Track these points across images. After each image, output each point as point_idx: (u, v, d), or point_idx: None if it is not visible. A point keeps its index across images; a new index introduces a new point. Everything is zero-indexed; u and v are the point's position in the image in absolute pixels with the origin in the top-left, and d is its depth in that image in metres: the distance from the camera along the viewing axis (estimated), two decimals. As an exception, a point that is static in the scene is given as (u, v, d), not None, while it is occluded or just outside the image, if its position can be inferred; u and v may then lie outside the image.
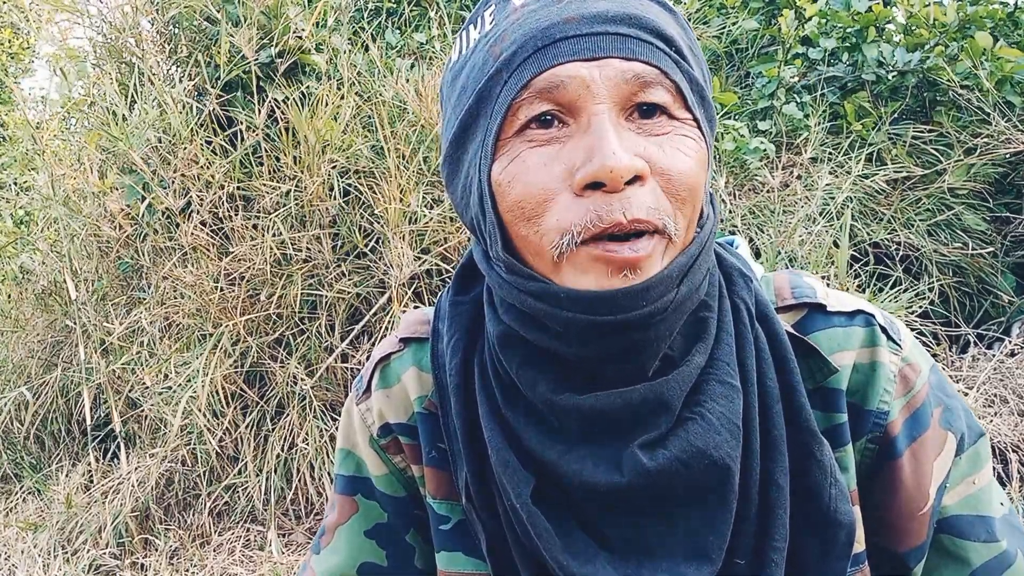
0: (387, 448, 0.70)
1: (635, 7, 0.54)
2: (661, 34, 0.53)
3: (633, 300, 0.52)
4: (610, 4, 0.53)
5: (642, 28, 0.53)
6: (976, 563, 0.63)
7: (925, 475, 0.62)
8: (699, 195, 0.54)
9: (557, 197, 0.52)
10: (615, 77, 0.51)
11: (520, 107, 0.53)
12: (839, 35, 3.09)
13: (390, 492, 0.71)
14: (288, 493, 2.49)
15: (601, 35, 0.52)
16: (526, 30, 0.53)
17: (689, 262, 0.54)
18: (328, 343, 2.53)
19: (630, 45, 0.52)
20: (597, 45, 0.52)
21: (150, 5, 2.72)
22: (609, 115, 0.51)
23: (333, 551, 0.71)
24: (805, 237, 2.55)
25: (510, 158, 0.54)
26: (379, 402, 0.70)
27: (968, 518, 0.64)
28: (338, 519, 0.72)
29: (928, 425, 0.63)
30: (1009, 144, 2.79)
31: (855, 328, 0.63)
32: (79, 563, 2.36)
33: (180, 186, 2.48)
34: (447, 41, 2.91)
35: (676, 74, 0.53)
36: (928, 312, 2.75)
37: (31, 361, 3.08)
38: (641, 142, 0.52)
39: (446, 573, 0.66)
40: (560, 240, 0.52)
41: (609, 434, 0.56)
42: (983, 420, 2.33)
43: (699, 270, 0.56)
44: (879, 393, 0.62)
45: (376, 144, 2.59)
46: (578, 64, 0.51)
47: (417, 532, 0.70)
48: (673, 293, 0.53)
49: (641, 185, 0.51)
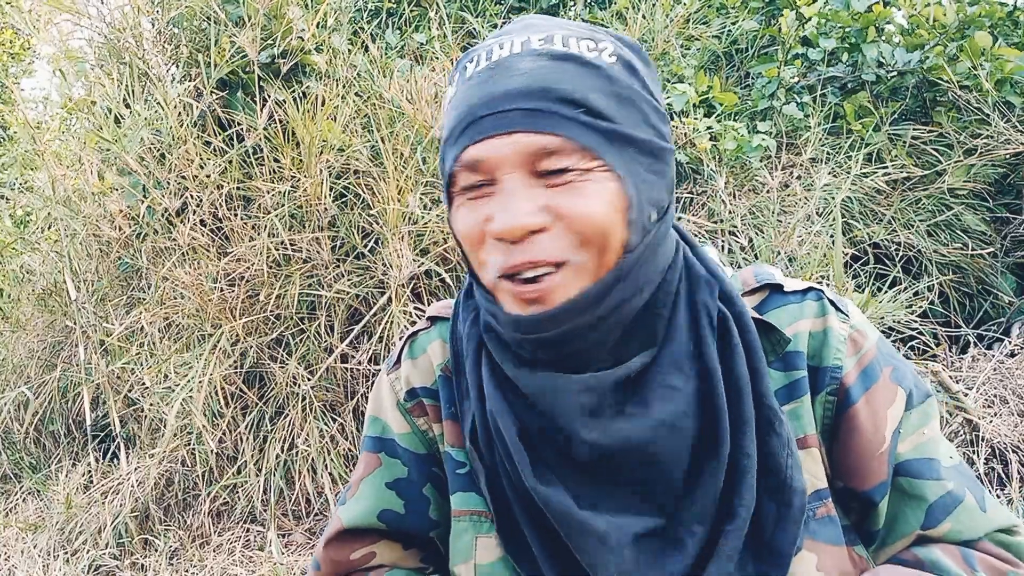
0: (412, 411, 0.82)
1: (549, 78, 0.63)
2: (570, 100, 0.62)
3: (544, 325, 0.65)
4: (528, 78, 0.63)
5: (552, 100, 0.62)
6: (931, 499, 0.72)
7: (881, 420, 0.73)
8: (608, 232, 0.64)
9: (483, 241, 0.66)
10: (522, 150, 0.62)
11: (458, 175, 0.66)
12: (839, 35, 3.09)
13: (412, 449, 0.81)
14: (288, 493, 2.49)
15: (513, 111, 0.62)
16: (463, 107, 0.66)
17: (605, 289, 0.65)
18: (327, 343, 2.53)
19: (537, 119, 0.62)
20: (509, 122, 0.62)
21: (151, 5, 2.72)
22: (519, 180, 0.63)
23: (357, 501, 0.81)
24: (804, 237, 2.55)
25: (457, 207, 0.68)
26: (407, 370, 0.83)
27: (921, 460, 0.74)
28: (363, 473, 0.83)
29: (879, 378, 0.74)
30: (1009, 144, 2.79)
31: (808, 302, 0.75)
32: (79, 563, 2.36)
33: (176, 186, 2.48)
34: (447, 42, 2.91)
35: (584, 135, 0.62)
36: (928, 312, 2.75)
37: (31, 361, 3.09)
38: (548, 194, 0.63)
39: (459, 511, 0.77)
40: (490, 273, 0.67)
41: (556, 410, 0.69)
42: (983, 420, 2.33)
43: (624, 290, 0.66)
44: (833, 352, 0.73)
45: (375, 145, 2.59)
46: (494, 140, 0.63)
47: (433, 487, 0.80)
48: (587, 316, 0.65)
49: (543, 233, 0.63)
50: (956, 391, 2.31)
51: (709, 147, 2.65)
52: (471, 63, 0.68)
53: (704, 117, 2.78)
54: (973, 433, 2.29)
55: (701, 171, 2.76)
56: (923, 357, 2.59)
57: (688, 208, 2.77)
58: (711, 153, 2.70)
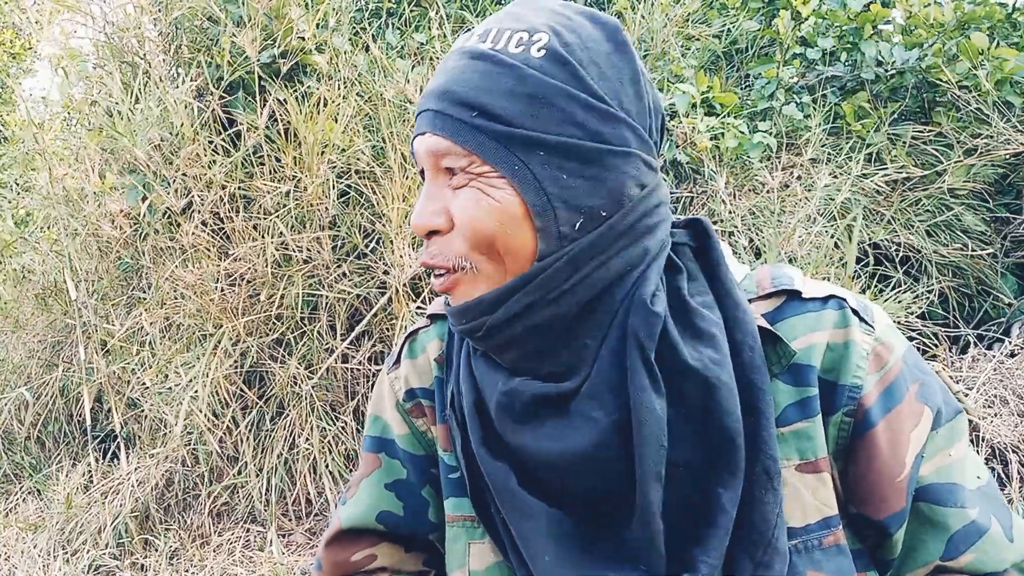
0: (411, 412, 0.81)
1: (458, 80, 0.64)
2: (465, 103, 0.62)
3: (458, 317, 0.67)
4: (444, 79, 0.65)
5: (449, 102, 0.63)
6: (954, 528, 0.67)
7: (901, 444, 0.66)
8: (496, 238, 0.63)
9: None
10: (427, 151, 0.65)
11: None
12: (836, 35, 3.09)
13: (411, 450, 0.81)
14: (288, 493, 2.49)
15: (425, 112, 0.66)
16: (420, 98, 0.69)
17: (505, 293, 0.64)
18: (328, 344, 2.53)
19: (435, 121, 0.64)
20: (424, 122, 0.66)
21: (154, 5, 2.72)
22: (431, 177, 0.66)
23: (356, 501, 0.81)
24: (805, 238, 2.55)
25: None
26: (406, 370, 0.82)
27: (945, 486, 0.68)
28: (363, 474, 0.82)
29: (903, 398, 0.67)
30: (1009, 144, 2.80)
31: (827, 311, 0.68)
32: (79, 563, 2.36)
33: (182, 186, 2.49)
34: (447, 42, 2.91)
35: (472, 140, 0.62)
36: (928, 313, 2.75)
37: (31, 361, 3.08)
38: (449, 196, 0.65)
39: (452, 516, 0.76)
40: None
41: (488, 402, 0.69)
42: (983, 421, 2.33)
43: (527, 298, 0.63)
44: (852, 369, 0.66)
45: (376, 145, 2.59)
46: (419, 138, 0.67)
47: (432, 489, 0.80)
48: (490, 316, 0.64)
49: (442, 235, 0.65)
50: (956, 391, 2.31)
51: (710, 147, 2.66)
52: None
53: (705, 116, 2.79)
54: (973, 433, 2.29)
55: (701, 171, 2.76)
56: (923, 357, 2.59)
57: (688, 208, 2.77)
58: (711, 153, 2.70)
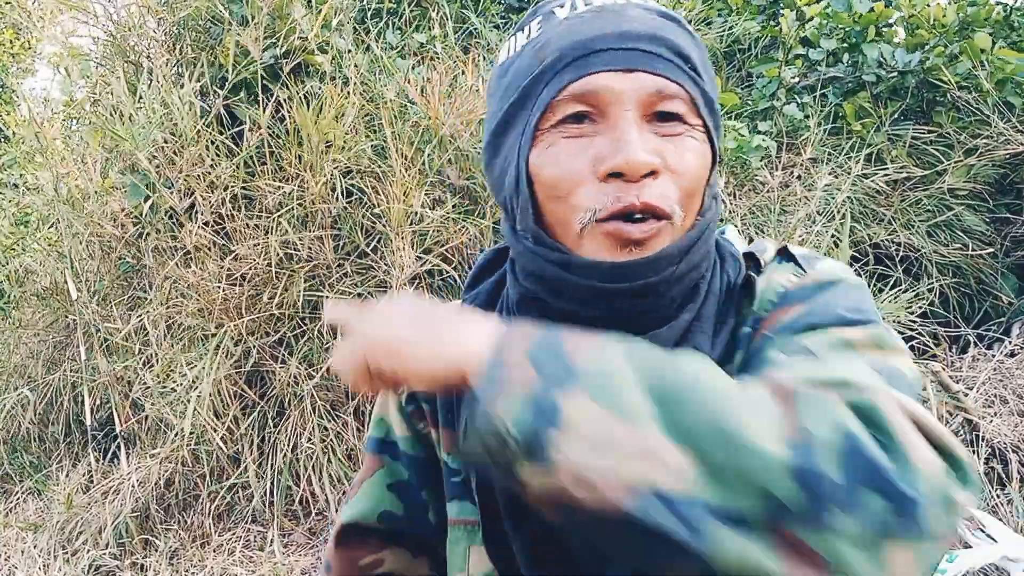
0: (413, 415, 0.80)
1: (661, 28, 0.63)
2: (681, 53, 0.63)
3: (640, 271, 0.62)
4: (640, 24, 0.63)
5: (666, 47, 0.63)
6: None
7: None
8: (700, 189, 0.64)
9: (584, 181, 0.62)
10: (641, 89, 0.61)
11: (558, 106, 0.63)
12: (839, 36, 3.09)
13: (412, 452, 0.81)
14: (289, 493, 2.49)
15: (632, 51, 0.62)
16: (568, 40, 0.63)
17: (689, 244, 0.64)
18: (329, 343, 2.53)
19: (656, 62, 0.62)
20: (628, 59, 0.61)
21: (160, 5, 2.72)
22: (634, 118, 0.61)
23: (358, 501, 0.82)
24: (805, 237, 2.55)
25: (547, 146, 0.64)
26: None
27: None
28: (365, 474, 0.83)
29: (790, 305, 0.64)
30: (1009, 145, 2.80)
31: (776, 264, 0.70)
32: (79, 563, 2.36)
33: (184, 186, 2.49)
34: (447, 42, 2.91)
35: (692, 88, 0.63)
36: (928, 313, 2.75)
37: (32, 361, 3.08)
38: (657, 142, 0.62)
39: (453, 519, 0.76)
40: (585, 215, 0.62)
41: None
42: (983, 420, 2.34)
43: (698, 251, 0.65)
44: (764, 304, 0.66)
45: (378, 144, 2.60)
46: (611, 74, 0.61)
47: (432, 490, 0.80)
48: (673, 268, 0.63)
49: (655, 178, 0.61)
50: (956, 391, 2.31)
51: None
52: (560, 8, 0.66)
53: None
54: (973, 433, 2.30)
55: (702, 171, 2.76)
56: (923, 357, 2.59)
57: (689, 208, 2.77)
58: (712, 153, 2.70)
